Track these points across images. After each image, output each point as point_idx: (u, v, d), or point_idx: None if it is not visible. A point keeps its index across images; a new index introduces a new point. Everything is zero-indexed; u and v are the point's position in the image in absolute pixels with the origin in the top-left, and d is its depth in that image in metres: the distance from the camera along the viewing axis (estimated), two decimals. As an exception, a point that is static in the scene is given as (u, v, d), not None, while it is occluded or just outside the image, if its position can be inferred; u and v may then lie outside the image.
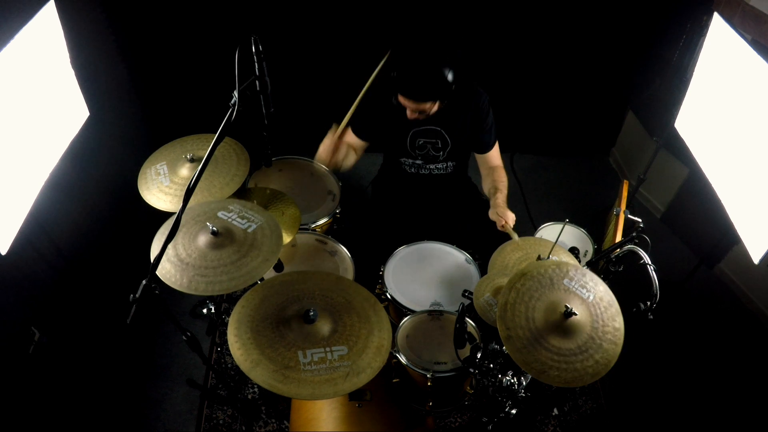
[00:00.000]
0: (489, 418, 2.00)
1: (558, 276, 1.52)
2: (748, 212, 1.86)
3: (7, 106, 1.52)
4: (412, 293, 1.97)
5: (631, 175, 3.38)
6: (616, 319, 1.47)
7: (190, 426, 2.26)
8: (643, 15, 2.94)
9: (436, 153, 2.23)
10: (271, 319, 1.49)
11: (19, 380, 1.95)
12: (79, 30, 2.08)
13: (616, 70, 3.20)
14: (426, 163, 2.28)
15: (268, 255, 1.53)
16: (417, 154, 2.25)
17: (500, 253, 1.90)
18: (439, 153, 2.23)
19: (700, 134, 2.21)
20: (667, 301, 1.61)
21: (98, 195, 2.59)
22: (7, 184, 1.56)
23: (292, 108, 2.99)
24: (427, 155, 2.24)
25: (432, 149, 2.21)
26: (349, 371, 1.40)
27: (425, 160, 2.27)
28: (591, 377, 1.37)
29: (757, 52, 1.75)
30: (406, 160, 2.29)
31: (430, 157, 2.25)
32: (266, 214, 1.64)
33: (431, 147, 2.21)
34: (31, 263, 2.04)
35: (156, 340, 2.54)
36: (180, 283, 1.42)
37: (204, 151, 1.67)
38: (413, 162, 2.29)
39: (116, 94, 2.82)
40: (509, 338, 1.41)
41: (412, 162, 2.29)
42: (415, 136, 2.19)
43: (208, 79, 2.64)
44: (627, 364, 1.49)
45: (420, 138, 2.19)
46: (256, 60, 1.37)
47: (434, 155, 2.24)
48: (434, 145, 2.20)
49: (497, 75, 3.05)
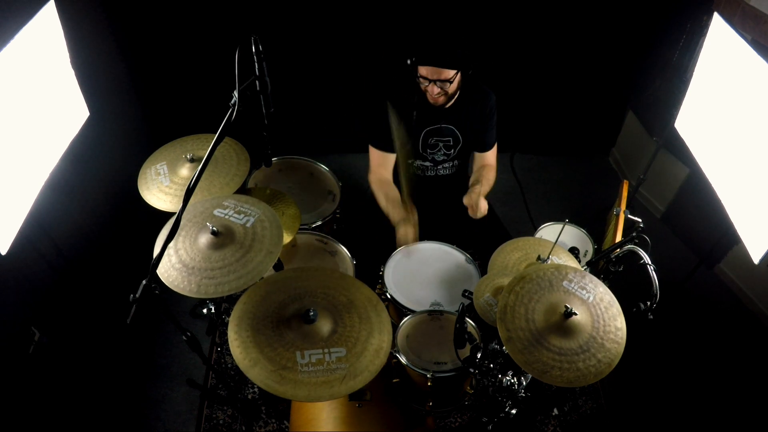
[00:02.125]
0: (489, 418, 2.00)
1: (557, 278, 1.52)
2: (748, 212, 1.86)
3: (7, 106, 1.52)
4: (412, 293, 1.97)
5: (631, 175, 3.38)
6: (617, 319, 1.47)
7: (190, 426, 2.26)
8: (643, 15, 2.95)
9: (447, 152, 2.23)
10: (272, 317, 1.49)
11: (19, 380, 1.95)
12: (79, 30, 2.08)
13: (616, 70, 3.20)
14: (435, 165, 2.28)
15: (271, 247, 1.52)
16: (428, 154, 2.24)
17: (500, 253, 1.90)
18: (450, 151, 2.23)
19: (700, 134, 2.21)
20: (667, 301, 1.61)
21: (98, 195, 2.59)
22: (7, 185, 1.55)
23: (292, 108, 2.99)
24: (438, 156, 2.24)
25: (444, 148, 2.22)
26: (346, 374, 1.40)
27: (434, 163, 2.27)
28: (594, 377, 1.37)
29: (757, 52, 1.75)
30: (415, 162, 2.29)
31: (440, 158, 2.25)
32: (262, 206, 1.63)
33: (443, 146, 2.21)
34: (31, 263, 2.04)
35: (156, 340, 2.54)
36: (189, 288, 1.41)
37: (204, 151, 1.67)
38: (421, 164, 2.28)
39: (116, 94, 2.82)
40: (510, 339, 1.41)
41: (420, 164, 2.28)
42: (428, 136, 2.18)
43: (208, 79, 2.64)
44: (627, 364, 1.49)
45: (433, 137, 2.19)
46: (256, 60, 1.37)
47: (444, 155, 2.24)
48: (446, 143, 2.21)
49: (497, 75, 3.05)
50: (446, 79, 1.94)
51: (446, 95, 2.01)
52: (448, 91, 1.99)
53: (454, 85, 1.98)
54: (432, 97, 2.02)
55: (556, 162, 3.63)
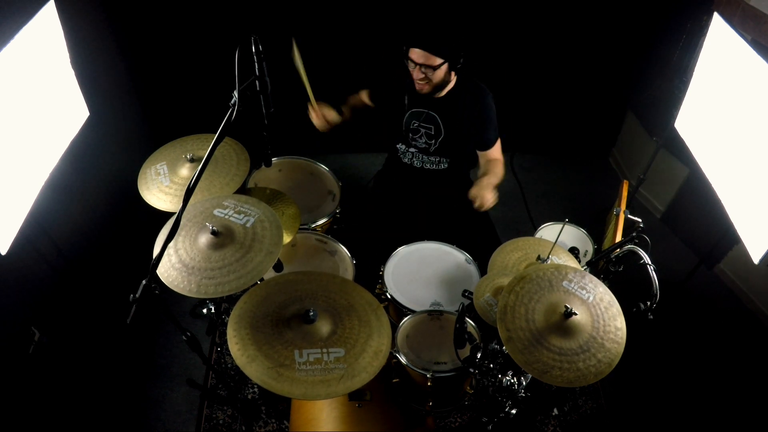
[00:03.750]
0: (489, 418, 2.00)
1: (557, 279, 1.52)
2: (748, 212, 1.86)
3: (7, 106, 1.52)
4: (412, 293, 1.97)
5: (631, 175, 3.38)
6: (617, 319, 1.47)
7: (190, 426, 2.26)
8: (643, 15, 2.95)
9: (429, 141, 2.24)
10: (272, 317, 1.49)
11: (19, 380, 1.95)
12: (79, 30, 2.08)
13: (616, 70, 3.20)
14: (420, 152, 2.30)
15: (271, 247, 1.52)
16: (411, 139, 2.27)
17: (500, 253, 1.90)
18: (431, 141, 2.24)
19: (700, 134, 2.21)
20: (667, 301, 1.61)
21: (98, 195, 2.59)
22: (7, 185, 1.55)
23: (292, 108, 2.98)
24: (420, 143, 2.27)
25: (426, 136, 2.24)
26: (344, 374, 1.40)
27: (418, 150, 2.30)
28: (594, 376, 1.37)
29: (757, 52, 1.75)
30: (401, 146, 2.33)
31: (422, 145, 2.27)
32: (262, 206, 1.63)
33: (425, 133, 2.23)
34: (31, 263, 2.04)
35: (156, 340, 2.54)
36: (189, 288, 1.41)
37: (204, 151, 1.66)
38: (407, 149, 2.32)
39: (116, 94, 2.82)
40: (510, 339, 1.41)
41: (406, 149, 2.32)
42: (411, 117, 2.21)
43: (208, 79, 2.64)
44: (627, 364, 1.49)
45: (415, 120, 2.21)
46: (256, 60, 1.37)
47: (426, 144, 2.25)
48: (428, 131, 2.22)
49: (497, 75, 3.04)
50: (430, 65, 1.97)
51: (430, 83, 2.03)
52: (432, 78, 2.01)
53: (439, 74, 2.01)
54: (417, 84, 2.05)
55: (556, 162, 3.63)
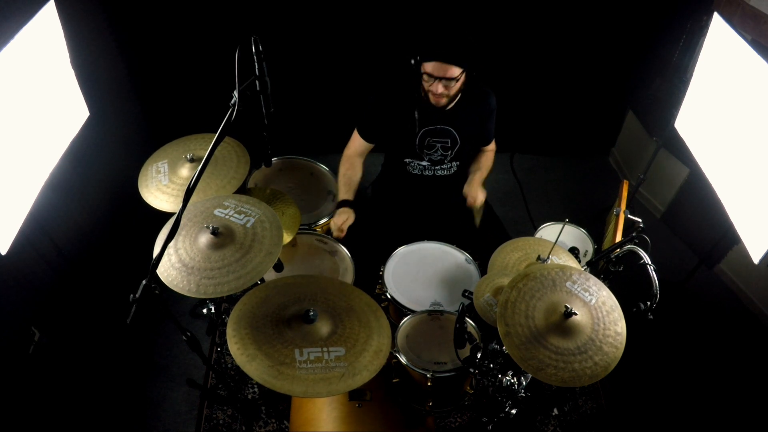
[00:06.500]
0: (489, 418, 2.00)
1: (561, 279, 1.52)
2: (748, 212, 1.86)
3: (7, 106, 1.52)
4: (412, 293, 1.97)
5: (631, 175, 3.38)
6: (617, 324, 1.47)
7: (190, 426, 2.26)
8: (643, 15, 2.94)
9: (444, 153, 2.21)
10: (272, 317, 1.49)
11: (19, 380, 1.95)
12: (79, 30, 2.08)
13: (616, 70, 3.20)
14: (432, 165, 2.27)
15: (270, 248, 1.52)
16: (425, 154, 2.23)
17: (500, 253, 1.90)
18: (447, 153, 2.22)
19: (700, 134, 2.21)
20: (667, 301, 1.61)
21: (98, 195, 2.59)
22: (7, 185, 1.56)
23: (292, 108, 2.99)
24: (435, 156, 2.24)
25: (441, 149, 2.20)
26: (344, 372, 1.40)
27: (432, 162, 2.26)
28: (589, 378, 1.37)
29: (757, 52, 1.75)
30: (412, 162, 2.26)
31: (438, 158, 2.24)
32: (262, 206, 1.63)
33: (441, 146, 2.20)
34: (31, 263, 2.04)
35: (156, 340, 2.54)
36: (188, 288, 1.41)
37: (204, 151, 1.67)
38: (419, 164, 2.26)
39: (116, 94, 2.82)
40: (508, 335, 1.41)
41: (418, 164, 2.27)
42: (425, 136, 2.17)
43: (208, 79, 2.64)
44: (627, 364, 1.49)
45: (430, 137, 2.17)
46: (256, 60, 1.37)
47: (442, 156, 2.23)
48: (444, 144, 2.19)
49: (497, 75, 3.05)
50: (451, 77, 1.90)
51: (448, 96, 1.99)
52: (451, 91, 1.96)
53: (458, 85, 1.96)
54: (434, 97, 1.98)
55: (556, 162, 3.63)
